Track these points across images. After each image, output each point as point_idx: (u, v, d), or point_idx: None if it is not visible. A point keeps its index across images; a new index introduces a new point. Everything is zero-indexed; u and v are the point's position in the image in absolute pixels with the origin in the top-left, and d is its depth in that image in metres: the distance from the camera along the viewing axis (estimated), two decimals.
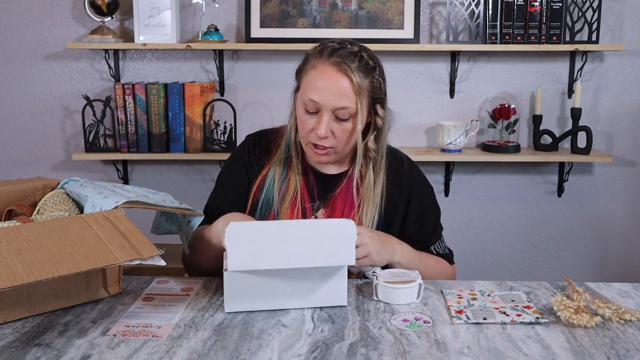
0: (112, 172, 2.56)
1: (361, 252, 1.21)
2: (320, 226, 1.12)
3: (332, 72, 1.26)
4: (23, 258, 0.96)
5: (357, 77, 1.25)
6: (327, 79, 1.26)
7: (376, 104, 1.32)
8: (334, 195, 1.37)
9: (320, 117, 1.27)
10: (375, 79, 1.29)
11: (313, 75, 1.28)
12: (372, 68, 1.29)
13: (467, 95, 2.51)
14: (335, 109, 1.26)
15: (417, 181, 1.42)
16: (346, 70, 1.25)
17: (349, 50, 1.27)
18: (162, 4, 2.32)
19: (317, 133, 1.27)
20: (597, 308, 1.08)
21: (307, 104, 1.27)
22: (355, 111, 1.26)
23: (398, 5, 2.39)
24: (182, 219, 1.34)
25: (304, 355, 0.95)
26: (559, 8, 2.31)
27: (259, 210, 1.38)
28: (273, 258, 1.07)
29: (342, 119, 1.27)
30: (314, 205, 1.37)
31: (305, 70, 1.31)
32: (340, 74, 1.25)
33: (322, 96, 1.25)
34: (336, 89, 1.25)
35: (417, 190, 1.41)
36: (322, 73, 1.27)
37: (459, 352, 0.96)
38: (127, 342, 0.99)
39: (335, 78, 1.25)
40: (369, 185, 1.35)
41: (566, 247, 2.62)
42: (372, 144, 1.34)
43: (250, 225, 1.12)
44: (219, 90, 2.48)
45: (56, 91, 2.52)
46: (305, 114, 1.29)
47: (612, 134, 2.54)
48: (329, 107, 1.26)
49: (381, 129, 1.34)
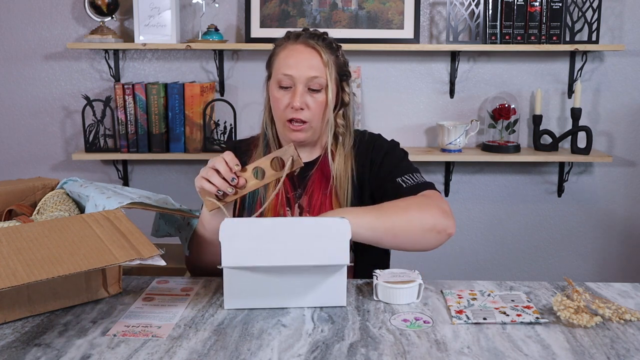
0: (112, 172, 2.56)
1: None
2: (314, 224, 1.12)
3: (302, 48, 1.36)
4: (23, 258, 0.96)
5: (325, 52, 1.36)
6: (298, 54, 1.36)
7: (342, 81, 1.41)
8: (310, 177, 1.42)
9: (295, 90, 1.34)
10: (339, 56, 1.40)
11: (284, 54, 1.37)
12: (336, 48, 1.40)
13: (467, 95, 2.51)
14: (308, 80, 1.34)
15: (378, 142, 1.45)
16: (314, 46, 1.36)
17: (312, 32, 1.39)
18: (162, 4, 2.32)
19: (293, 105, 1.34)
20: (597, 308, 1.08)
21: (281, 80, 1.35)
22: (325, 83, 1.35)
23: (398, 5, 2.39)
24: (182, 221, 1.34)
25: (304, 355, 0.95)
26: (559, 8, 2.31)
27: (247, 200, 1.43)
28: (267, 255, 1.08)
29: (314, 90, 1.35)
30: (295, 194, 1.42)
31: (275, 55, 1.40)
32: (309, 48, 1.36)
33: (294, 69, 1.34)
34: (307, 62, 1.35)
35: (378, 148, 1.43)
36: (292, 51, 1.37)
37: (459, 352, 0.96)
38: (127, 342, 0.99)
39: (305, 52, 1.36)
40: (339, 161, 1.41)
41: (566, 247, 2.63)
42: (340, 119, 1.41)
43: (245, 221, 1.12)
44: (219, 90, 2.48)
45: (56, 91, 2.52)
46: (280, 91, 1.37)
47: (612, 134, 2.54)
48: (302, 79, 1.34)
49: (348, 104, 1.43)
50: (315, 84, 1.34)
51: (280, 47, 1.40)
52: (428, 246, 1.27)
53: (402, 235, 1.22)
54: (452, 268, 2.64)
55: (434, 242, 1.26)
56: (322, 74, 1.34)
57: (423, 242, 1.25)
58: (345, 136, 1.42)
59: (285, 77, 1.34)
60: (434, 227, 1.24)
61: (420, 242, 1.25)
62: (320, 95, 1.36)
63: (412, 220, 1.23)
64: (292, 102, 1.34)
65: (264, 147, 1.45)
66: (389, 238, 1.22)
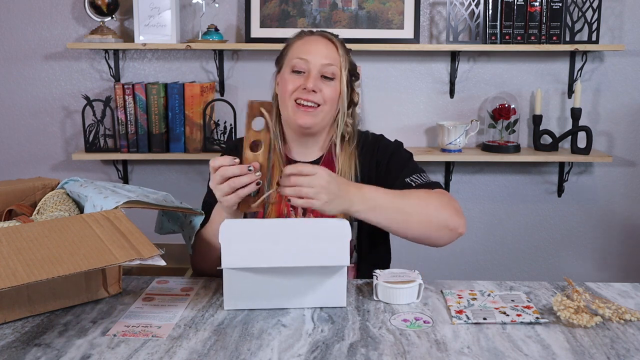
0: (112, 172, 2.56)
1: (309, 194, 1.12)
2: (315, 225, 1.12)
3: (319, 39, 1.40)
4: (23, 258, 0.96)
5: (340, 46, 1.39)
6: (315, 42, 1.38)
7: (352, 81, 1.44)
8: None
9: (309, 74, 1.35)
10: (350, 57, 1.44)
11: (300, 42, 1.39)
12: (347, 50, 1.43)
13: (467, 95, 2.51)
14: (323, 66, 1.35)
15: (383, 143, 1.46)
16: (331, 39, 1.40)
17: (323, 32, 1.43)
18: (162, 4, 2.32)
19: (306, 86, 1.33)
20: (597, 308, 1.08)
21: (296, 65, 1.36)
22: (339, 73, 1.37)
23: (398, 5, 2.39)
24: (184, 219, 1.34)
25: (304, 355, 0.95)
26: (559, 8, 2.31)
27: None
28: (267, 256, 1.08)
29: (328, 78, 1.36)
30: None
31: (289, 46, 1.42)
32: (325, 40, 1.39)
33: (311, 55, 1.35)
34: (324, 49, 1.37)
35: (383, 149, 1.44)
36: (309, 39, 1.40)
37: (459, 352, 0.96)
38: (127, 342, 0.99)
39: (322, 42, 1.39)
40: (344, 160, 1.41)
41: (566, 247, 2.62)
42: (349, 118, 1.43)
43: (245, 222, 1.12)
44: (219, 90, 2.48)
45: (56, 91, 2.52)
46: (292, 75, 1.37)
47: (612, 134, 2.54)
48: (317, 65, 1.34)
49: (357, 104, 1.46)
50: (329, 72, 1.35)
51: (295, 38, 1.42)
52: (439, 241, 1.28)
53: (416, 223, 1.23)
54: (452, 268, 2.64)
55: (445, 238, 1.27)
56: (337, 63, 1.36)
57: (435, 237, 1.26)
58: (352, 136, 1.43)
59: (301, 61, 1.35)
60: (447, 224, 1.25)
61: (432, 236, 1.26)
62: (333, 83, 1.36)
63: (430, 213, 1.24)
64: (305, 84, 1.34)
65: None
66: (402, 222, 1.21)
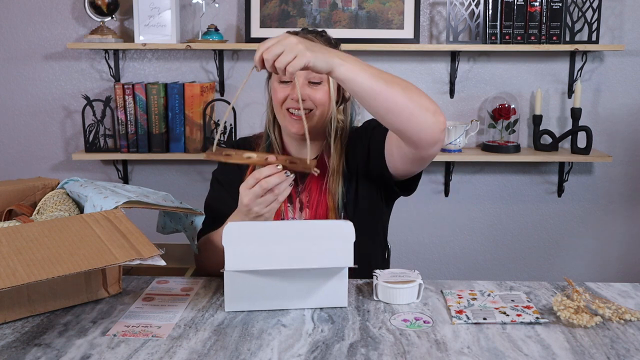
0: (112, 172, 2.56)
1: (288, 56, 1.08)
2: (318, 227, 1.12)
3: None
4: (23, 258, 0.96)
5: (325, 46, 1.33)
6: None
7: None
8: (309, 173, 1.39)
9: (294, 83, 1.33)
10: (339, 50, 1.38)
11: None
12: (334, 44, 1.40)
13: (467, 95, 2.51)
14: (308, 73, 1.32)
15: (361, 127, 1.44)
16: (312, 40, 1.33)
17: (310, 30, 1.41)
18: (162, 4, 2.32)
19: (292, 97, 1.34)
20: (597, 308, 1.08)
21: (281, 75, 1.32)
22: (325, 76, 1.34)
23: (398, 5, 2.39)
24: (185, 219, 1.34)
25: (304, 355, 0.95)
26: (559, 8, 2.31)
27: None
28: (271, 258, 1.07)
29: (314, 83, 1.35)
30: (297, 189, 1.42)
31: None
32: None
33: None
34: None
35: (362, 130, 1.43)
36: None
37: (459, 352, 0.96)
38: (127, 342, 0.99)
39: None
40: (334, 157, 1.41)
41: (566, 247, 2.62)
42: (340, 115, 1.43)
43: (248, 225, 1.12)
44: (219, 90, 2.48)
45: (56, 91, 2.52)
46: (280, 85, 1.37)
47: (612, 134, 2.53)
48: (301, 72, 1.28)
49: (349, 100, 1.44)
50: (315, 77, 1.34)
51: None
52: (422, 126, 1.16)
53: (399, 94, 1.14)
54: (452, 268, 2.64)
55: (429, 123, 1.16)
56: None
57: (417, 116, 1.15)
58: (343, 132, 1.43)
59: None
60: (429, 107, 1.16)
61: (415, 113, 1.15)
62: (321, 87, 1.36)
63: (411, 89, 1.17)
64: (292, 94, 1.34)
65: (267, 148, 1.45)
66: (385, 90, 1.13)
